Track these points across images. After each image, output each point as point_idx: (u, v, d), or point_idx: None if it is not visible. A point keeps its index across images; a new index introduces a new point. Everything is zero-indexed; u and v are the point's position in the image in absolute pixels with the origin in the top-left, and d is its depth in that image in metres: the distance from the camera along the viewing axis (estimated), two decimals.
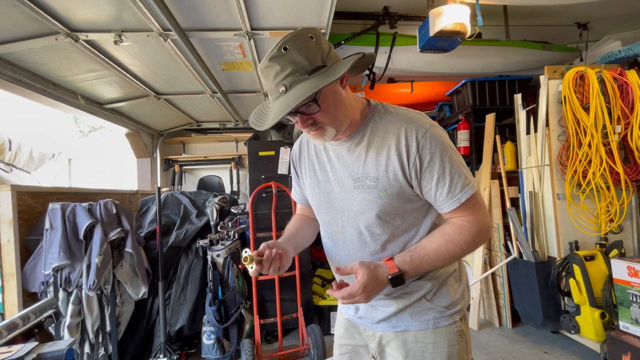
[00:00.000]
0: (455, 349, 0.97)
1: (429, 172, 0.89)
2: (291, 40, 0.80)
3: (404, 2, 3.09)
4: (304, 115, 0.86)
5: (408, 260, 0.88)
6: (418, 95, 4.15)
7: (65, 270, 2.14)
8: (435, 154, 0.88)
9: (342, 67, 0.82)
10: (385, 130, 0.93)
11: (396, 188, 0.91)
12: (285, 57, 0.79)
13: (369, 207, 0.94)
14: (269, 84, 0.84)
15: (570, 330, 2.46)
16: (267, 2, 1.94)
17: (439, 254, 0.89)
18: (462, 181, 0.89)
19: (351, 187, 0.96)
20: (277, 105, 0.82)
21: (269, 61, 0.81)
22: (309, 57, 0.81)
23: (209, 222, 3.19)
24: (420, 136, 0.89)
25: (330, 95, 0.86)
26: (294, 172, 1.17)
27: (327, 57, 0.84)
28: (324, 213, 1.05)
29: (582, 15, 3.47)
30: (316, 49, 0.82)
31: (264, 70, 0.83)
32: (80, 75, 2.61)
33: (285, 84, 0.80)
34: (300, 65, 0.80)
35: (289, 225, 1.18)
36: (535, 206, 2.79)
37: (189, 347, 2.87)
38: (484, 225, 0.92)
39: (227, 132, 4.86)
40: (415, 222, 0.97)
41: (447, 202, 0.90)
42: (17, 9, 1.74)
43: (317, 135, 0.90)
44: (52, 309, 1.30)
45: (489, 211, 3.17)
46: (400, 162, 0.90)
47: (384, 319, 1.00)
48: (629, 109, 2.48)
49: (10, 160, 3.96)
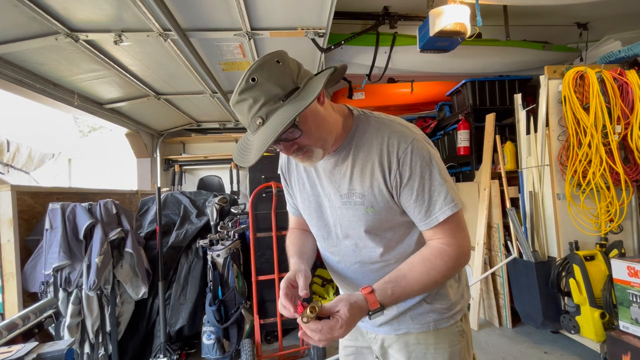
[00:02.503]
0: (457, 349, 0.97)
1: (408, 189, 0.87)
2: (258, 70, 0.76)
3: (404, 2, 3.08)
4: (287, 142, 0.82)
5: (389, 294, 0.84)
6: (418, 95, 4.14)
7: (65, 270, 2.14)
8: (415, 171, 0.85)
9: (316, 86, 0.79)
10: (369, 144, 0.90)
11: (383, 203, 0.89)
12: (255, 88, 0.76)
13: (357, 223, 0.92)
14: (244, 119, 0.80)
15: (570, 330, 2.46)
16: (267, 2, 1.94)
17: (420, 283, 0.86)
18: (442, 199, 0.85)
19: (339, 204, 0.94)
20: (257, 139, 0.79)
21: (239, 95, 0.77)
22: (280, 82, 0.77)
23: (209, 222, 3.19)
24: (402, 152, 0.86)
25: (310, 117, 0.82)
26: (284, 183, 1.13)
27: (298, 77, 0.80)
28: (317, 227, 1.04)
29: (582, 15, 3.46)
30: (285, 73, 0.78)
31: (236, 105, 0.79)
32: (80, 75, 2.61)
33: (262, 115, 0.77)
34: (273, 93, 0.76)
35: (294, 241, 1.12)
36: (535, 206, 2.79)
37: (189, 347, 2.87)
38: (464, 249, 0.88)
39: (227, 132, 4.86)
40: (407, 232, 0.95)
41: (424, 221, 0.88)
42: (17, 9, 1.74)
43: (305, 159, 0.87)
44: (52, 309, 1.30)
45: (489, 211, 3.19)
46: (383, 177, 0.88)
47: (386, 322, 0.99)
48: (629, 109, 2.48)
49: (8, 161, 3.96)
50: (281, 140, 0.81)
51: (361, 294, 0.83)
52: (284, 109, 0.76)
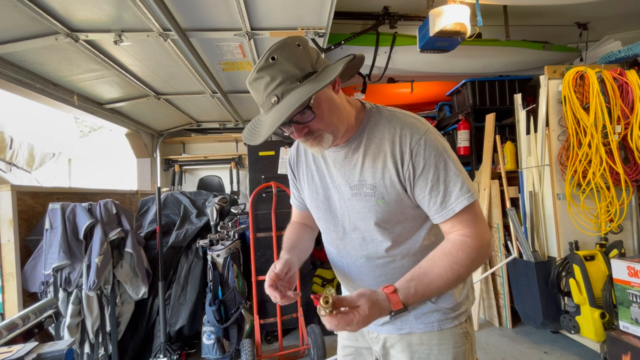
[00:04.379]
0: (461, 351, 0.95)
1: (423, 180, 0.86)
2: (278, 50, 0.78)
3: (404, 2, 3.09)
4: (299, 125, 0.83)
5: (412, 292, 0.81)
6: (418, 95, 4.15)
7: (65, 270, 2.14)
8: (429, 161, 0.85)
9: (333, 71, 0.80)
10: (381, 136, 0.90)
11: (394, 195, 0.89)
12: (274, 66, 0.77)
13: (367, 215, 0.92)
14: (259, 96, 0.81)
15: (570, 330, 2.46)
16: (267, 2, 1.94)
17: (444, 279, 0.83)
18: (458, 190, 0.84)
19: (349, 195, 0.94)
20: (270, 116, 0.80)
21: (257, 73, 0.79)
22: (299, 64, 0.78)
23: (209, 222, 3.19)
24: (414, 142, 0.85)
25: (324, 102, 0.83)
26: (291, 176, 1.14)
27: (316, 63, 0.82)
28: (324, 220, 1.03)
29: (582, 15, 3.46)
30: (305, 56, 0.80)
31: (252, 83, 0.81)
32: (80, 75, 2.61)
33: (277, 93, 0.78)
34: (291, 74, 0.78)
35: (289, 235, 1.13)
36: (535, 206, 2.79)
37: (189, 347, 2.87)
38: (485, 240, 0.85)
39: (227, 132, 4.86)
40: (416, 227, 0.94)
41: (440, 212, 0.86)
42: (17, 9, 1.74)
43: (315, 144, 0.87)
44: (52, 309, 1.30)
45: (489, 211, 3.19)
46: (395, 169, 0.87)
47: (388, 321, 0.98)
48: (629, 109, 2.48)
49: (10, 159, 3.94)
50: (293, 122, 0.82)
51: (383, 293, 0.80)
52: (300, 89, 0.77)
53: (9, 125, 3.98)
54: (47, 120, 4.89)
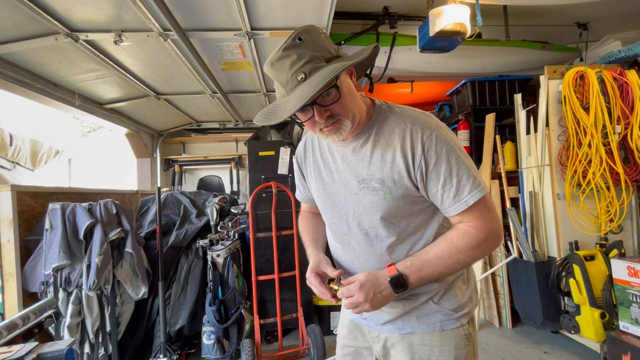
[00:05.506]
0: (462, 352, 0.94)
1: (435, 174, 0.87)
2: (305, 32, 0.81)
3: (404, 2, 3.09)
4: (321, 107, 0.83)
5: (408, 264, 0.88)
6: (418, 95, 4.14)
7: (65, 270, 2.14)
8: (442, 156, 0.86)
9: (358, 55, 0.84)
10: (390, 131, 0.91)
11: (402, 190, 0.90)
12: (301, 46, 0.79)
13: (374, 209, 0.92)
14: (283, 75, 0.81)
15: (570, 330, 2.46)
16: (267, 2, 1.94)
17: (441, 260, 0.88)
18: (471, 183, 0.86)
19: (356, 189, 0.94)
20: (295, 94, 0.79)
21: (283, 51, 0.80)
22: (324, 47, 0.82)
23: (209, 222, 3.19)
24: (426, 137, 0.87)
25: (345, 86, 0.85)
26: (298, 173, 1.15)
27: (337, 51, 0.86)
28: (329, 214, 1.04)
29: (582, 15, 3.46)
30: (328, 42, 0.84)
31: (276, 62, 0.81)
32: (80, 75, 2.61)
33: (305, 70, 0.79)
34: (318, 54, 0.80)
35: (306, 227, 1.17)
36: (535, 206, 2.79)
37: (189, 347, 2.87)
38: (492, 232, 0.89)
39: (227, 132, 4.86)
40: (421, 224, 0.95)
41: (454, 205, 0.87)
42: (17, 9, 1.74)
43: (333, 130, 0.87)
44: (52, 309, 1.31)
45: None
46: (405, 163, 0.88)
47: (390, 321, 0.98)
48: (629, 109, 2.48)
49: (12, 157, 3.91)
50: (315, 104, 0.82)
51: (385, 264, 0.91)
52: (328, 67, 0.79)
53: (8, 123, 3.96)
54: (47, 121, 4.88)
